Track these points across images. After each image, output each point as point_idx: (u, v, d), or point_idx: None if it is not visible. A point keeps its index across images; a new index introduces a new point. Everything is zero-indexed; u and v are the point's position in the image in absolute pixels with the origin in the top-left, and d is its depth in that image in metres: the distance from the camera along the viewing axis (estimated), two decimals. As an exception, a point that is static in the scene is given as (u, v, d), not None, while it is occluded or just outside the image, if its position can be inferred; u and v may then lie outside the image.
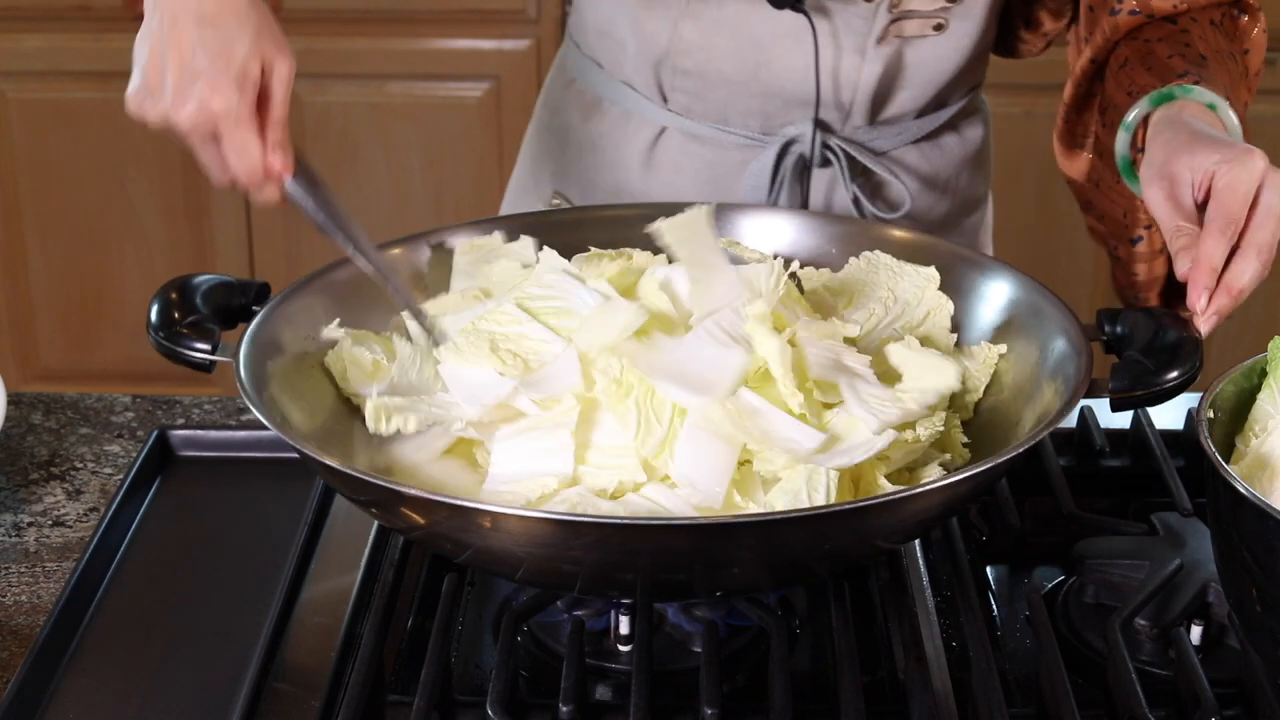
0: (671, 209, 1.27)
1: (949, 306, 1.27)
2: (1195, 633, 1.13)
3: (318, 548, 1.25)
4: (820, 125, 1.50)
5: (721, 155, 1.53)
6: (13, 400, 1.47)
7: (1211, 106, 1.30)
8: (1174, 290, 1.47)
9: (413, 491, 1.02)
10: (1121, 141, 1.35)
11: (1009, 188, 2.75)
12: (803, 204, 1.53)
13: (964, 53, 1.50)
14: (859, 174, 1.52)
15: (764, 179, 1.51)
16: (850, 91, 1.48)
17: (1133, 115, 1.33)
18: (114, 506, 1.28)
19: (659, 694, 1.05)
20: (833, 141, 1.50)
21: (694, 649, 1.12)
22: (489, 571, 1.18)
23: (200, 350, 1.17)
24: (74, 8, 2.88)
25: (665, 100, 1.53)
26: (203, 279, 1.24)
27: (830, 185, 1.53)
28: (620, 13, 1.51)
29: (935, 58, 1.50)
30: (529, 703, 1.07)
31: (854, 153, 1.50)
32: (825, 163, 1.52)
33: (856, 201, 1.51)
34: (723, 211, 1.36)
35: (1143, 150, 1.30)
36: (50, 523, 1.31)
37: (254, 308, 1.23)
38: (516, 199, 1.69)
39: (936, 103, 1.54)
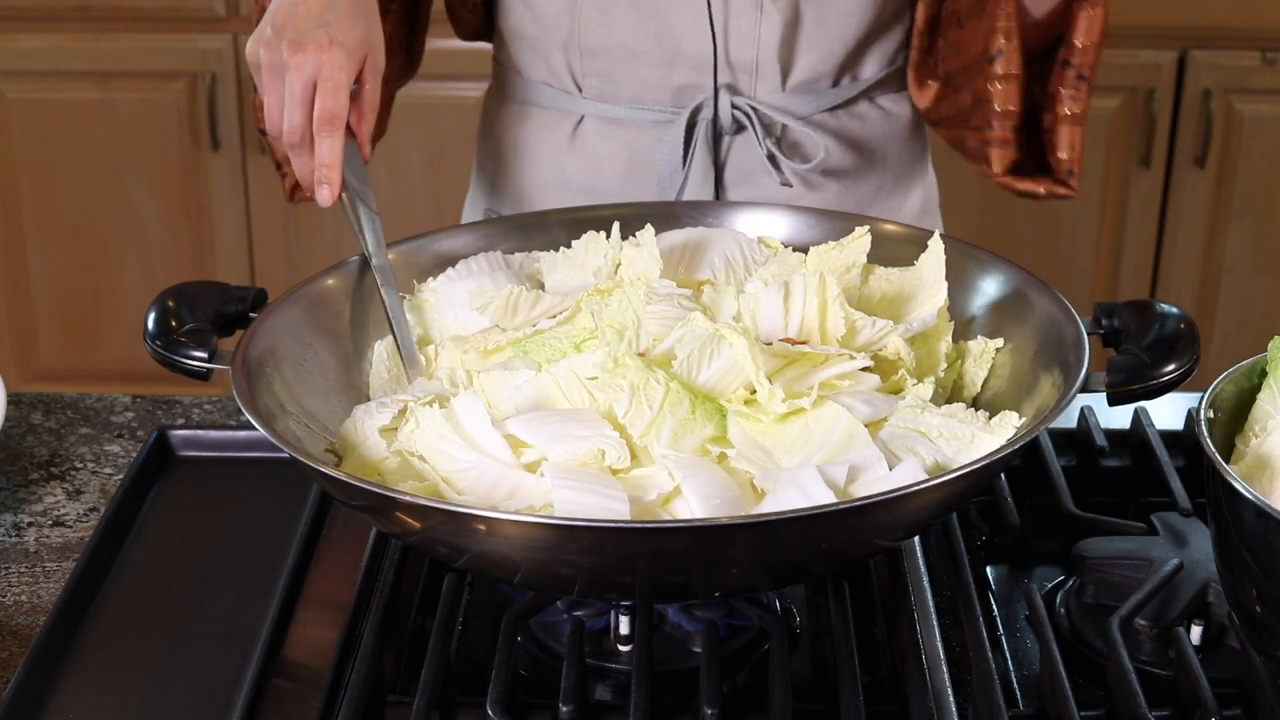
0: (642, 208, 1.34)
1: (942, 293, 1.27)
2: (1195, 633, 1.13)
3: (318, 548, 1.26)
4: (730, 90, 1.52)
5: (638, 135, 1.56)
6: (13, 400, 1.47)
7: None
8: (1032, 152, 1.49)
9: (408, 497, 1.02)
10: None
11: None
12: (716, 169, 1.55)
13: (866, 9, 1.52)
14: (773, 135, 1.54)
15: (676, 149, 1.53)
16: (751, 49, 1.51)
17: None
18: (114, 506, 1.28)
19: (659, 694, 1.05)
20: (742, 103, 1.52)
21: (694, 649, 1.12)
22: (488, 576, 1.18)
23: (197, 358, 1.17)
24: (74, 8, 2.88)
25: (580, 89, 1.56)
26: (199, 286, 1.24)
27: (744, 149, 1.55)
28: (525, 6, 1.55)
29: (838, 13, 1.51)
30: (529, 703, 1.07)
31: (767, 112, 1.52)
32: (739, 128, 1.54)
33: (772, 158, 1.53)
34: (715, 209, 1.37)
35: None
36: (50, 523, 1.31)
37: (251, 314, 1.23)
38: (467, 218, 1.74)
39: (849, 70, 1.56)
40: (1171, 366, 1.13)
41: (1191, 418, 1.38)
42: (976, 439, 1.11)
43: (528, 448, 1.11)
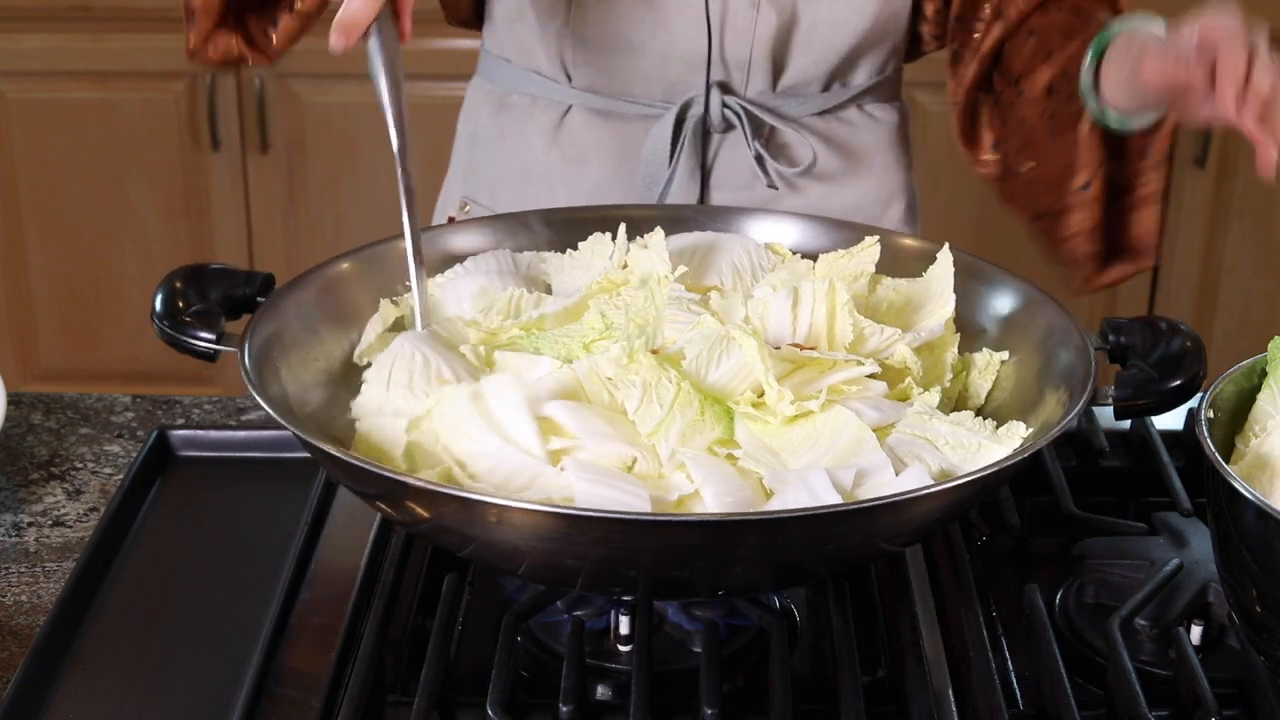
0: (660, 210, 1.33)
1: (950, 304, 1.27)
2: (1195, 633, 1.13)
3: (318, 548, 1.25)
4: (721, 88, 1.52)
5: (626, 128, 1.55)
6: (13, 400, 1.47)
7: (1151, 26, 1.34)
8: (1110, 233, 1.48)
9: (419, 483, 1.01)
10: (1086, 70, 1.38)
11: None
12: (702, 168, 1.54)
13: (863, 17, 1.51)
14: (761, 136, 1.53)
15: (664, 144, 1.52)
16: (746, 47, 1.50)
17: (1089, 55, 1.38)
18: (114, 506, 1.28)
19: (659, 694, 1.05)
20: (733, 102, 1.52)
21: (694, 649, 1.12)
22: (492, 566, 1.18)
23: (204, 339, 1.17)
24: (74, 8, 2.88)
25: (570, 79, 1.55)
26: (208, 269, 1.24)
27: (732, 151, 1.54)
28: None
29: (833, 19, 1.51)
30: (529, 703, 1.07)
31: (757, 112, 1.52)
32: (728, 127, 1.53)
33: (760, 160, 1.52)
34: (724, 214, 1.37)
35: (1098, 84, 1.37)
36: (50, 523, 1.31)
37: (259, 299, 1.23)
38: (442, 211, 1.72)
39: (839, 76, 1.56)
40: (1178, 382, 1.14)
41: (1191, 418, 1.38)
42: (983, 448, 1.11)
43: (559, 436, 1.10)
